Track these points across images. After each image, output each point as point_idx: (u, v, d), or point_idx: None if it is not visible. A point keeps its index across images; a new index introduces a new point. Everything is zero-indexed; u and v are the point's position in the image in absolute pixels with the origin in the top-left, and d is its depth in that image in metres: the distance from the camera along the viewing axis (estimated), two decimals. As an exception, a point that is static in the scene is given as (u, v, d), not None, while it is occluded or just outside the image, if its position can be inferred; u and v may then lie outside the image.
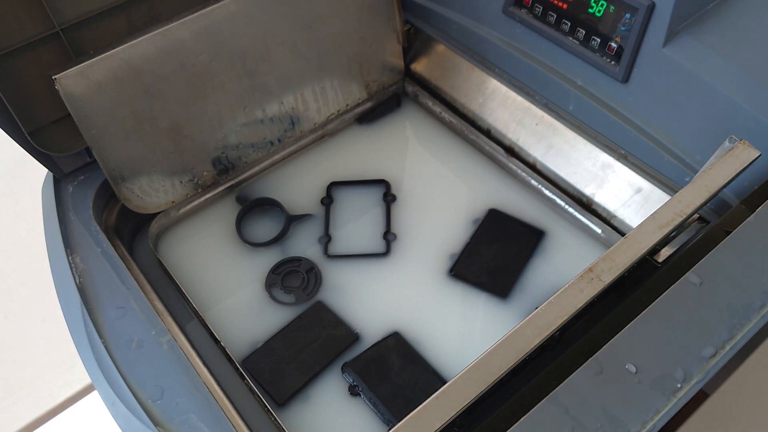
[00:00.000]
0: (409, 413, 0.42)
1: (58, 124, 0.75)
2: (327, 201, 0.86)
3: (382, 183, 0.88)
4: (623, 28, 0.72)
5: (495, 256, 0.78)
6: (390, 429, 0.41)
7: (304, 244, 0.82)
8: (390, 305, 0.75)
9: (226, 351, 0.67)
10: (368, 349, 0.70)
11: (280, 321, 0.74)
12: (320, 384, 0.69)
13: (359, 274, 0.78)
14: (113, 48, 0.68)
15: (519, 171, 0.87)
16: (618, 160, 0.78)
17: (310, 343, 0.71)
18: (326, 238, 0.82)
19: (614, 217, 0.78)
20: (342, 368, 0.69)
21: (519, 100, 0.88)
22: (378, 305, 0.75)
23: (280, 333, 0.72)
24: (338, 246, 0.82)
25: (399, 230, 0.82)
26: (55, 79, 0.65)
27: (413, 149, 0.94)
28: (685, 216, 0.53)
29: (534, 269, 0.77)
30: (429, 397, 0.42)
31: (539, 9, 0.80)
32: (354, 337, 0.72)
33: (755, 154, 0.57)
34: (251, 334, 0.73)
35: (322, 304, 0.75)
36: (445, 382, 0.65)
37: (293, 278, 0.78)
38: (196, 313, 0.72)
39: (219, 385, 0.63)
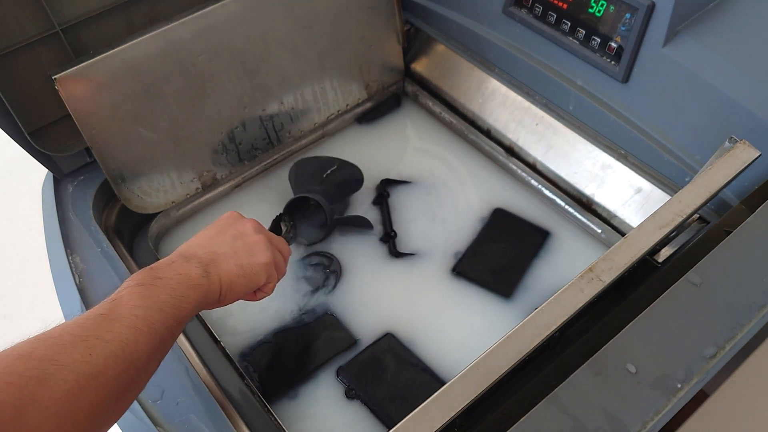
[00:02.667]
0: (407, 414, 0.42)
1: (58, 124, 0.75)
2: (379, 199, 0.85)
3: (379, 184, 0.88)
4: (623, 28, 0.72)
5: (499, 255, 0.78)
6: (390, 430, 0.41)
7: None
8: (390, 304, 0.75)
9: (225, 351, 0.66)
10: (362, 351, 0.70)
11: (280, 321, 0.74)
12: (320, 386, 0.68)
13: (361, 272, 0.78)
14: (113, 48, 0.68)
15: (519, 171, 0.87)
16: (618, 160, 0.78)
17: (309, 343, 0.71)
18: (393, 234, 0.81)
19: (614, 217, 0.78)
20: (337, 372, 0.69)
21: (519, 100, 0.87)
22: (379, 304, 0.75)
23: (280, 332, 0.72)
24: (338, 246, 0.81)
25: (399, 229, 0.82)
26: (55, 79, 0.65)
27: (413, 149, 0.94)
28: (685, 216, 0.53)
29: (538, 269, 0.77)
30: (427, 397, 0.42)
31: (539, 9, 0.80)
32: (352, 341, 0.71)
33: (755, 154, 0.57)
34: (251, 334, 0.73)
35: (325, 304, 0.75)
36: (442, 382, 0.65)
37: (317, 272, 0.78)
38: (196, 313, 0.72)
39: (219, 385, 0.63)
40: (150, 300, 0.44)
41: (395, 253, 0.79)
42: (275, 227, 0.78)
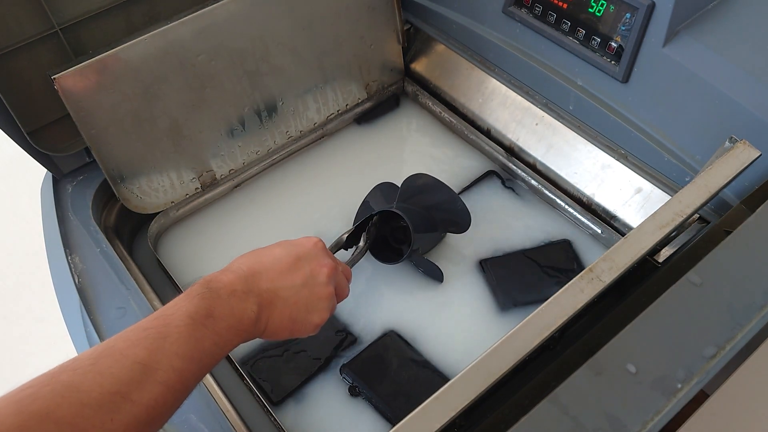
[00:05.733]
0: (411, 410, 0.42)
1: (58, 124, 0.75)
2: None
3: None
4: (623, 28, 0.72)
5: (529, 272, 0.76)
6: (391, 429, 0.41)
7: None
8: (393, 301, 0.75)
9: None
10: (365, 348, 0.70)
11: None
12: (321, 385, 0.69)
13: (364, 269, 0.78)
14: (113, 48, 0.68)
15: (519, 171, 0.87)
16: (618, 160, 0.78)
17: (308, 344, 0.71)
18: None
19: (614, 217, 0.78)
20: (340, 370, 0.69)
21: (519, 100, 0.87)
22: (381, 301, 0.75)
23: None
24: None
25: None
26: (54, 79, 0.65)
27: (413, 149, 0.94)
28: (685, 216, 0.53)
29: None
30: (430, 393, 0.42)
31: (539, 9, 0.80)
32: (352, 339, 0.71)
33: (755, 154, 0.57)
34: (251, 334, 0.73)
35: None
36: (444, 378, 0.65)
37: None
38: (195, 313, 0.71)
39: (218, 385, 0.63)
40: (193, 348, 0.41)
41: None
42: (357, 233, 0.72)
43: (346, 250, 0.72)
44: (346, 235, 0.72)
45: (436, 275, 0.76)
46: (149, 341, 0.39)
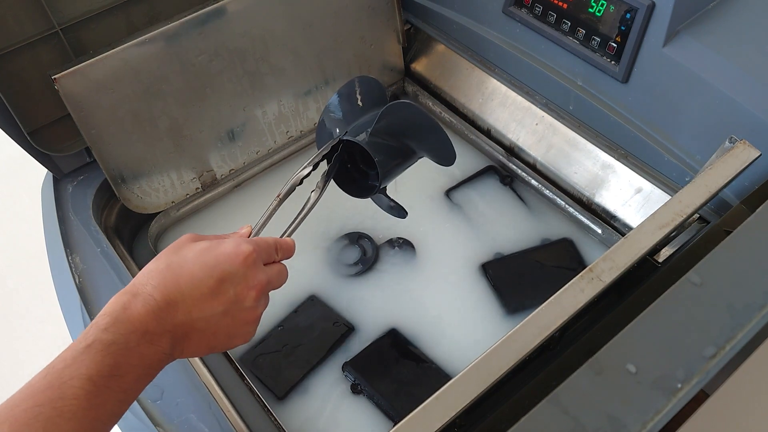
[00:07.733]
0: (413, 408, 0.42)
1: (58, 124, 0.75)
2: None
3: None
4: (623, 28, 0.72)
5: (533, 273, 0.76)
6: (391, 429, 0.41)
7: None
8: (395, 299, 0.75)
9: (225, 350, 0.66)
10: (367, 346, 0.70)
11: (277, 318, 0.74)
12: (326, 381, 0.69)
13: (374, 270, 0.79)
14: (113, 48, 0.68)
15: (519, 171, 0.87)
16: (618, 160, 0.78)
17: (306, 337, 0.71)
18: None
19: (614, 217, 0.78)
20: (342, 367, 0.69)
21: (519, 100, 0.87)
22: (383, 299, 0.75)
23: (276, 329, 0.72)
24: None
25: (421, 228, 0.82)
26: (54, 79, 0.65)
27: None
28: (685, 216, 0.53)
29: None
30: (432, 391, 0.42)
31: (539, 9, 0.80)
32: (349, 329, 0.72)
33: (755, 154, 0.57)
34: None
35: (317, 298, 0.75)
36: (446, 376, 0.65)
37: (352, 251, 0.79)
38: (195, 313, 0.71)
39: (219, 385, 0.63)
40: (94, 419, 0.36)
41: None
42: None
43: (301, 183, 0.63)
44: (304, 172, 0.61)
45: (399, 214, 0.70)
46: (40, 423, 0.34)
